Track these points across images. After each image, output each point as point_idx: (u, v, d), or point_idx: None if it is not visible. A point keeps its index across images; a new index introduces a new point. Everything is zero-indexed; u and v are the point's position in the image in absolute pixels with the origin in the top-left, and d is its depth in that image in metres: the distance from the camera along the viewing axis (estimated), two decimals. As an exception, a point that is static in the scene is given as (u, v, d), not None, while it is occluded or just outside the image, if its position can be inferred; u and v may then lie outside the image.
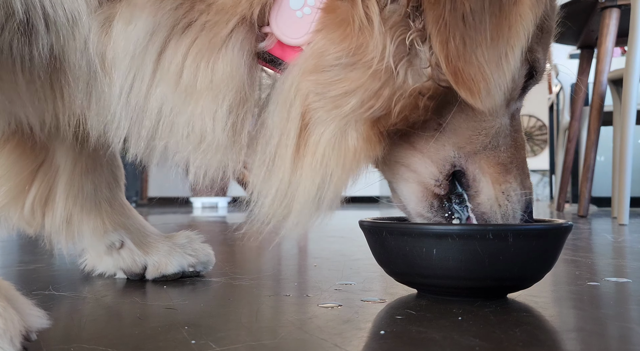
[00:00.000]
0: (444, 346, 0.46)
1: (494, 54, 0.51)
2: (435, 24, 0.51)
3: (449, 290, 0.64)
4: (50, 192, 0.79)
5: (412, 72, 0.53)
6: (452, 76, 0.51)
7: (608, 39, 2.37)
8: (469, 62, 0.51)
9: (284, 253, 1.16)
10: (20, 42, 0.52)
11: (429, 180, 0.62)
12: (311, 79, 0.53)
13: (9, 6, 0.50)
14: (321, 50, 0.53)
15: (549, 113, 5.53)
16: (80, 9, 0.51)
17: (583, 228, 1.84)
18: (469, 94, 0.52)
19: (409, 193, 0.64)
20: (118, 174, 0.84)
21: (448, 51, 0.51)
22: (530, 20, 0.52)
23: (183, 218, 2.96)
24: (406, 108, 0.54)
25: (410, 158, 0.62)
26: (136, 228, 0.84)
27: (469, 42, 0.51)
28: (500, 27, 0.51)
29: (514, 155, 0.64)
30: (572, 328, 0.54)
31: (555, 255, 0.64)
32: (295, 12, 0.54)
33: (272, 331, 0.51)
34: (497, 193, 0.63)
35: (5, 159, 0.77)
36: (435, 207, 0.63)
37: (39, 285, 0.77)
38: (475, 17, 0.51)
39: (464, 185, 0.63)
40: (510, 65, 0.52)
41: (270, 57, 0.57)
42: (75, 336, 0.50)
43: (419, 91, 0.54)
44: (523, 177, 0.65)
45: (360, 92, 0.53)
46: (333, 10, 0.53)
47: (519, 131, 0.65)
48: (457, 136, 0.60)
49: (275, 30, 0.55)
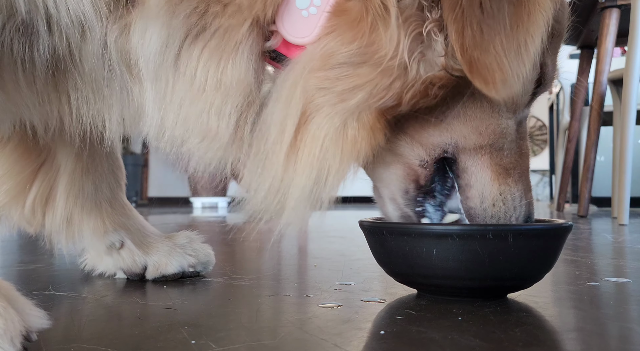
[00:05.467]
0: (444, 346, 0.46)
1: (513, 43, 0.50)
2: (451, 12, 0.50)
3: (449, 290, 0.64)
4: (51, 191, 0.80)
5: (425, 63, 0.53)
6: (467, 65, 0.50)
7: (608, 39, 2.37)
8: (485, 50, 0.50)
9: (284, 253, 1.16)
10: (21, 43, 0.52)
11: (414, 161, 0.60)
12: (317, 76, 0.53)
13: (12, 6, 0.50)
14: (331, 50, 0.53)
15: (549, 113, 5.53)
16: (85, 9, 0.51)
17: (583, 228, 1.84)
18: (483, 84, 0.51)
19: (387, 176, 0.62)
20: (119, 174, 0.84)
21: (464, 40, 0.50)
22: (550, 8, 0.52)
23: (183, 218, 2.96)
24: (417, 96, 0.54)
25: (396, 143, 0.60)
26: (136, 229, 0.84)
27: (486, 31, 0.50)
28: (519, 16, 0.50)
29: (517, 161, 0.63)
30: (572, 328, 0.54)
31: (556, 255, 0.64)
32: (302, 11, 0.54)
33: (272, 331, 0.52)
34: (493, 191, 0.61)
35: (7, 158, 0.77)
36: (409, 193, 0.62)
37: (39, 285, 0.77)
38: (493, 4, 0.50)
39: (455, 172, 0.62)
40: (531, 54, 0.51)
41: (275, 54, 0.57)
42: (75, 336, 0.50)
43: (430, 80, 0.53)
44: (525, 186, 0.64)
45: (369, 86, 0.52)
46: (343, 12, 0.53)
47: (524, 139, 0.64)
48: (460, 126, 0.59)
49: (281, 29, 0.55)
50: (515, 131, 0.62)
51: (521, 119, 0.64)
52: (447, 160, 0.62)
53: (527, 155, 0.65)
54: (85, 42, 0.54)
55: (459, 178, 0.62)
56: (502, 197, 0.62)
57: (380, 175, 0.63)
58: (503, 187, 0.62)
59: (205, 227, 2.16)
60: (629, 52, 2.12)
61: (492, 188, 0.61)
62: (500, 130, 0.60)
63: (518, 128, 0.63)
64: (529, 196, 0.64)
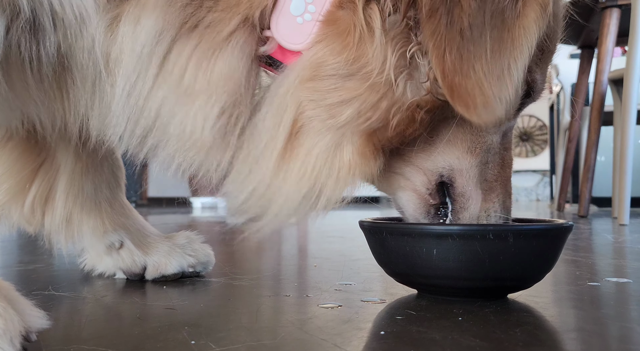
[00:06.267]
0: (444, 346, 0.46)
1: (495, 68, 0.50)
2: (431, 38, 0.50)
3: (449, 290, 0.64)
4: (51, 191, 0.79)
5: (412, 85, 0.53)
6: (448, 90, 0.50)
7: (608, 38, 2.37)
8: (466, 76, 0.50)
9: (283, 253, 1.16)
10: (28, 41, 0.52)
11: (422, 188, 0.62)
12: (308, 87, 0.52)
13: (15, 5, 0.49)
14: (320, 60, 0.52)
15: (549, 113, 5.53)
16: (87, 5, 0.51)
17: (583, 229, 1.83)
18: (465, 109, 0.51)
19: (407, 201, 0.64)
20: (119, 174, 0.84)
21: (444, 65, 0.50)
22: (535, 34, 0.51)
23: (183, 218, 2.96)
24: (403, 122, 0.54)
25: (404, 168, 0.62)
26: (136, 229, 0.84)
27: (466, 56, 0.50)
28: (502, 40, 0.50)
29: (500, 173, 0.64)
30: (572, 328, 0.54)
31: (556, 255, 0.64)
32: (296, 18, 0.54)
33: (272, 331, 0.51)
34: (481, 212, 0.64)
35: (7, 157, 0.77)
36: (432, 214, 0.64)
37: (39, 285, 0.77)
38: (474, 30, 0.50)
39: (451, 196, 0.63)
40: (514, 78, 0.51)
41: (271, 60, 0.57)
42: (75, 336, 0.50)
43: (417, 104, 0.53)
44: (505, 197, 0.65)
45: (357, 102, 0.52)
46: (334, 22, 0.53)
47: (508, 149, 0.65)
48: (451, 150, 0.60)
49: (276, 34, 0.55)
50: (499, 143, 0.64)
51: (506, 130, 0.65)
52: (445, 185, 0.63)
53: (510, 165, 0.66)
54: (83, 37, 0.53)
55: (455, 202, 0.63)
56: (486, 214, 0.64)
57: (399, 199, 0.65)
58: (488, 204, 0.64)
59: (205, 227, 2.16)
60: (630, 51, 2.12)
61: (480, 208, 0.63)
62: (487, 146, 0.62)
63: (503, 139, 0.64)
64: (508, 202, 0.66)
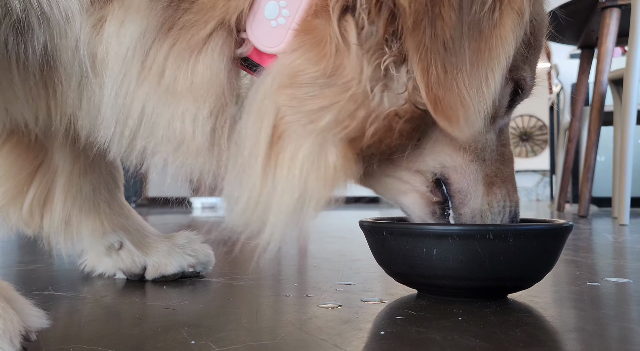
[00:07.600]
0: (444, 346, 0.46)
1: (475, 80, 0.50)
2: (416, 51, 0.49)
3: (450, 290, 0.63)
4: (49, 192, 0.79)
5: (389, 95, 0.52)
6: (432, 104, 0.50)
7: (608, 38, 2.37)
8: (449, 89, 0.49)
9: (284, 254, 1.16)
10: (16, 40, 0.52)
11: (422, 187, 0.62)
12: (286, 93, 0.52)
13: (7, 5, 0.50)
14: (298, 68, 0.52)
15: (549, 113, 5.53)
16: (72, 6, 0.51)
17: (583, 229, 1.83)
18: (447, 123, 0.51)
19: (411, 203, 0.64)
20: (117, 175, 0.84)
21: (429, 79, 0.49)
22: (512, 43, 0.51)
23: (183, 218, 2.96)
24: (379, 131, 0.53)
25: (398, 171, 0.61)
26: (135, 229, 0.84)
27: (449, 69, 0.49)
28: (479, 52, 0.50)
29: (500, 169, 0.64)
30: (572, 329, 0.54)
31: (556, 255, 0.64)
32: (270, 21, 0.54)
33: (272, 331, 0.51)
34: (483, 205, 0.63)
35: (4, 160, 0.77)
36: (437, 214, 0.64)
37: (39, 285, 0.77)
38: (455, 42, 0.49)
39: (449, 193, 0.63)
40: (491, 90, 0.51)
41: (248, 62, 0.56)
42: (74, 336, 0.50)
43: (395, 113, 0.53)
44: (510, 190, 0.65)
45: (335, 109, 0.52)
46: (310, 31, 0.52)
47: (506, 145, 0.65)
48: (441, 148, 0.60)
49: (251, 37, 0.55)
50: (495, 140, 0.63)
51: (502, 127, 0.65)
52: (442, 182, 0.63)
53: (511, 160, 0.66)
54: (67, 38, 0.53)
55: (453, 198, 0.63)
56: (489, 207, 0.64)
57: (403, 203, 0.65)
58: (490, 197, 0.63)
59: (205, 227, 2.16)
60: (630, 51, 2.12)
61: (481, 202, 0.63)
62: (481, 142, 0.61)
63: (499, 136, 0.64)
64: (514, 197, 0.65)
